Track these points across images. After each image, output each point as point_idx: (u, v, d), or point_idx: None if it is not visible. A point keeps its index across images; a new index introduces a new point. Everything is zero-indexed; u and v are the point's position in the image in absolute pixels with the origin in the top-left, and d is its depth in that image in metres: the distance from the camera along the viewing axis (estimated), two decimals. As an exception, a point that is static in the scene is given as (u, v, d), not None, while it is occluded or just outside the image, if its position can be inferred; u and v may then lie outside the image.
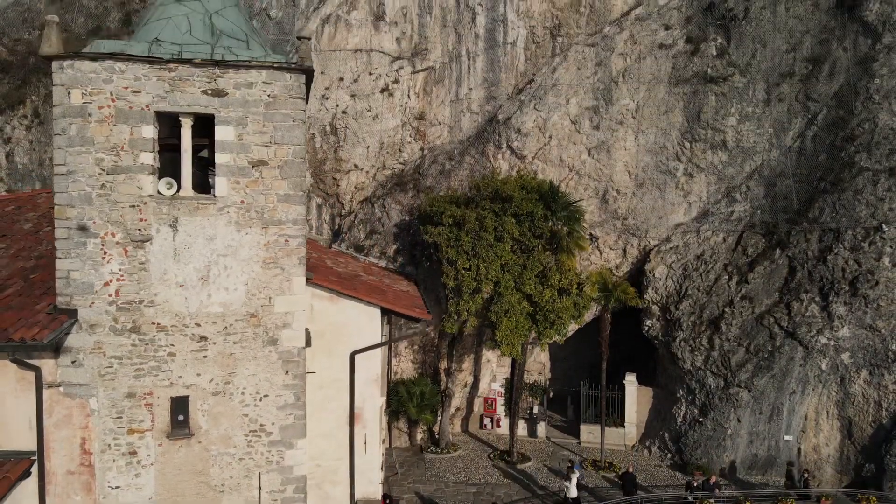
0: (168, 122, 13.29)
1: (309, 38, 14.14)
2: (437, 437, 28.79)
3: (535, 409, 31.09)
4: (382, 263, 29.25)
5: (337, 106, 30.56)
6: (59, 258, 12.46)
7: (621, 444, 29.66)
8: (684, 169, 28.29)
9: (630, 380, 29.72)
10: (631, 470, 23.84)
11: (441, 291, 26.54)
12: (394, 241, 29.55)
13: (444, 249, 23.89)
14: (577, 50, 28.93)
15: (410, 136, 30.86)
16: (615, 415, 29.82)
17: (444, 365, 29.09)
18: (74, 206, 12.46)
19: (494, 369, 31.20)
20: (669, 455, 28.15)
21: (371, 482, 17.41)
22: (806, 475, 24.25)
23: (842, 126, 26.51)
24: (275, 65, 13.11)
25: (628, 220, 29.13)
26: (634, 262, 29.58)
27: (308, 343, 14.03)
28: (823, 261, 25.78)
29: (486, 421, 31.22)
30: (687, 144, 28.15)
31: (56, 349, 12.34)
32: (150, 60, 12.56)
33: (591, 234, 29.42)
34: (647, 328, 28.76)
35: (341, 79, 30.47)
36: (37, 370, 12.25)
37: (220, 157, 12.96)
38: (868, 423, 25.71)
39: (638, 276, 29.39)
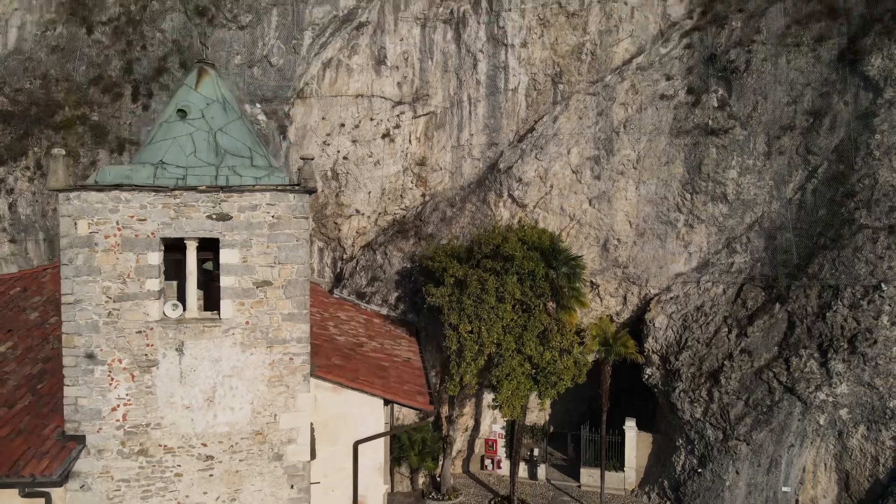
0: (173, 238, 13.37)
1: (312, 159, 14.17)
2: (438, 481, 29.09)
3: (536, 452, 31.39)
4: (384, 311, 29.40)
5: (338, 152, 30.58)
6: (67, 385, 12.59)
7: (621, 489, 29.97)
8: (685, 220, 28.35)
9: (630, 425, 29.96)
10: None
11: (442, 340, 26.72)
12: (395, 288, 29.66)
13: (447, 313, 24.02)
14: (579, 99, 28.89)
15: (412, 182, 30.89)
16: (615, 458, 30.09)
17: (445, 412, 29.33)
18: (82, 335, 12.57)
19: (495, 412, 31.45)
20: (668, 503, 28.47)
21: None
22: None
23: (842, 181, 26.54)
24: (279, 187, 13.16)
25: (629, 268, 29.24)
26: (634, 310, 29.72)
27: (313, 455, 14.20)
28: (822, 317, 25.90)
29: (487, 462, 31.50)
30: (688, 196, 28.19)
31: (65, 476, 12.52)
32: (156, 189, 12.62)
33: (591, 282, 29.55)
34: (647, 376, 28.94)
35: (342, 124, 30.46)
36: (46, 496, 12.43)
37: (225, 280, 13.06)
38: (865, 478, 25.96)
39: (638, 324, 29.54)
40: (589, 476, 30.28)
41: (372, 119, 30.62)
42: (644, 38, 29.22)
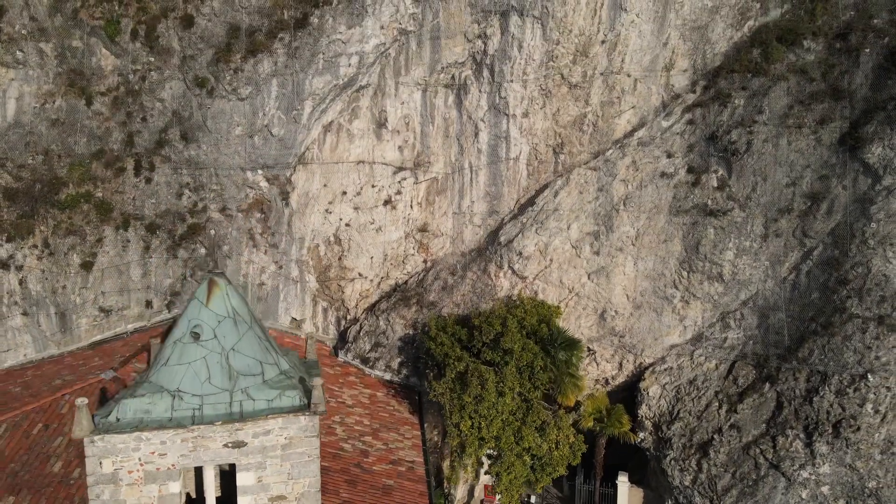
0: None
1: (322, 383, 14.68)
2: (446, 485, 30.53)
3: (533, 499, 33.03)
4: (387, 377, 30.39)
5: (340, 219, 30.80)
6: None
7: (613, 537, 31.75)
8: (681, 296, 28.92)
9: (622, 480, 31.41)
10: None
11: (443, 429, 27.76)
12: (398, 354, 30.50)
13: (448, 411, 24.97)
14: (580, 173, 28.93)
15: (413, 248, 31.27)
16: (608, 507, 31.78)
17: (446, 464, 30.71)
18: (112, 561, 13.49)
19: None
20: (657, 557, 30.24)
21: None
22: None
23: (836, 267, 26.96)
24: (291, 412, 13.82)
25: (625, 337, 30.00)
26: (629, 376, 30.67)
27: None
28: (810, 401, 26.87)
29: (487, 505, 33.23)
30: (684, 273, 28.67)
31: None
32: (175, 427, 13.28)
33: (588, 348, 30.41)
34: (640, 440, 30.19)
35: (344, 192, 30.57)
36: None
37: (241, 500, 13.90)
38: (842, 546, 27.55)
39: (632, 389, 30.59)
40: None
41: (373, 186, 30.70)
42: (646, 109, 29.00)
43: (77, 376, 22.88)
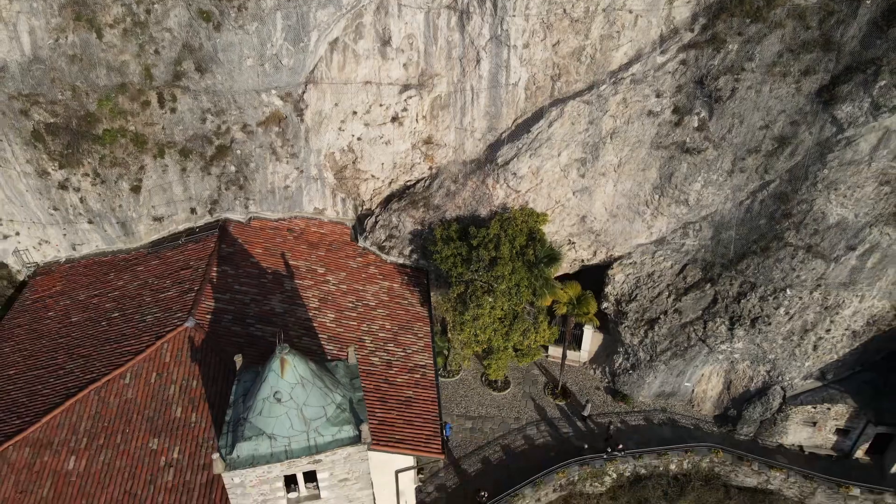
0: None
1: (367, 428, 20.74)
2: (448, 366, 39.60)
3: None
4: (401, 261, 36.37)
5: (352, 135, 33.43)
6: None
7: (577, 362, 41.34)
8: (651, 213, 33.28)
9: (588, 327, 39.76)
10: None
11: (444, 279, 34.33)
12: (409, 244, 35.95)
13: (450, 323, 31.63)
14: (574, 106, 30.79)
15: (420, 157, 34.39)
16: (575, 344, 40.77)
17: (450, 320, 38.45)
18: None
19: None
20: (607, 381, 40.09)
21: (410, 505, 29.67)
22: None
23: (785, 201, 30.96)
24: (349, 444, 20.57)
25: (601, 236, 35.17)
26: (601, 262, 36.62)
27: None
28: (738, 301, 33.45)
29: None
30: (656, 197, 32.59)
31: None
32: (275, 461, 20.17)
33: (570, 240, 35.86)
34: (604, 307, 37.56)
35: (354, 112, 32.65)
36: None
37: (322, 482, 21.53)
38: (742, 387, 36.91)
39: (601, 273, 36.87)
40: (555, 351, 41.32)
41: (381, 105, 32.55)
42: (644, 42, 29.53)
43: (163, 315, 28.88)
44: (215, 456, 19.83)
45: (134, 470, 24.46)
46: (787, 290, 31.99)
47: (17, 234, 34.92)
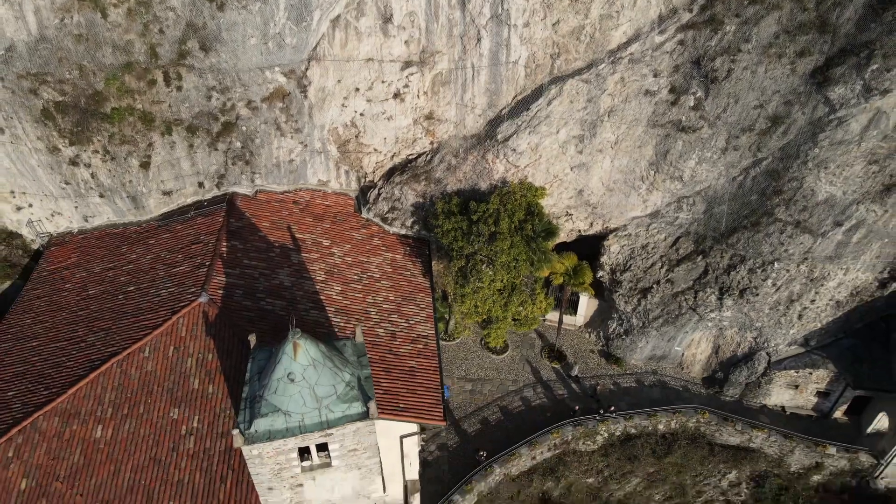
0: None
1: (377, 408, 22.22)
2: (448, 331, 41.40)
3: (515, 298, 43.30)
4: (403, 232, 37.47)
5: (355, 111, 34.01)
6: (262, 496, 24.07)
7: (573, 325, 43.02)
8: (646, 187, 34.18)
9: (583, 293, 41.24)
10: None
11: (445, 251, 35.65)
12: (411, 215, 36.96)
13: (451, 296, 32.97)
14: (572, 84, 31.32)
15: (421, 132, 35.04)
16: (571, 309, 42.34)
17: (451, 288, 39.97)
18: (272, 488, 23.33)
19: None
20: (601, 344, 41.83)
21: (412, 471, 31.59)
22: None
23: (776, 178, 31.85)
24: (357, 419, 22.21)
25: (597, 208, 36.18)
26: (597, 233, 37.75)
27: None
28: (728, 273, 34.74)
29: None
30: (652, 172, 33.44)
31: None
32: (290, 436, 21.85)
33: (567, 212, 36.89)
34: (600, 275, 38.92)
35: (357, 89, 33.15)
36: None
37: (332, 453, 23.30)
38: (729, 351, 38.65)
39: (598, 243, 38.04)
40: (552, 316, 42.87)
41: (383, 81, 33.00)
42: (643, 21, 29.84)
43: (177, 290, 30.21)
44: (235, 431, 21.44)
45: (157, 438, 26.20)
46: (775, 264, 33.23)
47: (30, 205, 35.91)
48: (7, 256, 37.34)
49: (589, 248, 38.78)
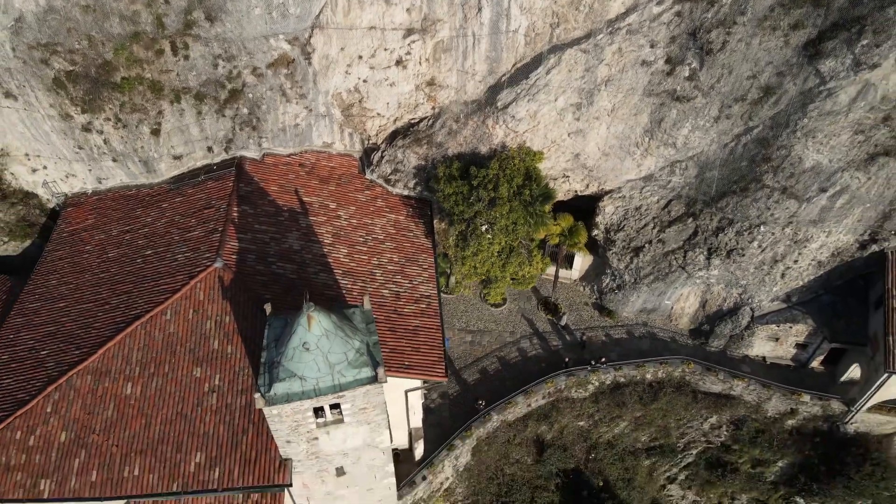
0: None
1: (384, 371, 24.18)
2: (449, 285, 43.28)
3: (514, 253, 45.10)
4: (405, 193, 38.80)
5: (359, 78, 34.71)
6: (280, 444, 26.57)
7: (568, 279, 44.97)
8: (640, 153, 35.27)
9: (578, 254, 42.94)
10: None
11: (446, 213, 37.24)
12: (413, 177, 38.20)
13: (452, 259, 34.64)
14: (571, 54, 31.95)
15: (423, 98, 35.81)
16: (567, 263, 44.18)
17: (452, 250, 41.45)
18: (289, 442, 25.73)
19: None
20: (595, 297, 43.89)
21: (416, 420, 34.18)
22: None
23: (766, 146, 32.93)
24: (367, 383, 24.36)
25: (593, 171, 37.38)
26: (592, 194, 39.08)
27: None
28: (716, 235, 36.31)
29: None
30: (646, 139, 34.46)
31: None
32: (306, 398, 24.01)
33: (564, 174, 38.14)
34: (594, 234, 40.50)
35: (360, 56, 33.76)
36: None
37: (345, 412, 25.59)
38: (716, 305, 40.70)
39: (593, 203, 39.42)
40: (549, 270, 44.82)
41: (386, 49, 33.55)
42: (642, -9, 30.26)
43: (193, 255, 31.88)
44: (257, 395, 23.63)
45: (182, 394, 28.50)
46: (762, 227, 34.78)
47: (45, 168, 37.14)
48: (25, 216, 38.87)
49: (585, 204, 40.18)
